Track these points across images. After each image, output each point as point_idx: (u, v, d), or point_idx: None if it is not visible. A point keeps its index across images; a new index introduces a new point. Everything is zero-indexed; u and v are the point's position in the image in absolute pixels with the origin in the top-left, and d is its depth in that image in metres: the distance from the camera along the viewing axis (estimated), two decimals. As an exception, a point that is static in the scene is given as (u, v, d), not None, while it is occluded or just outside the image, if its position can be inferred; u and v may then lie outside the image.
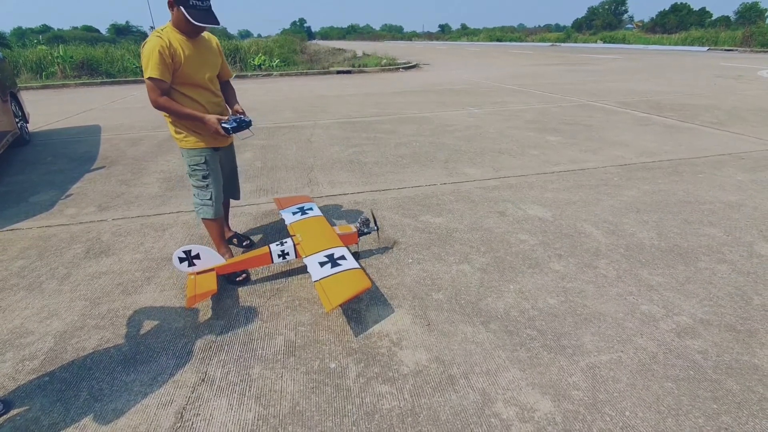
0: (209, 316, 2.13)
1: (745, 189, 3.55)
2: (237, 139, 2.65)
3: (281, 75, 14.94)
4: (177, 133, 2.33)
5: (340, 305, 1.98)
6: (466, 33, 70.92)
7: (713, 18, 53.99)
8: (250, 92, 10.50)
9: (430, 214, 3.22)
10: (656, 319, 2.02)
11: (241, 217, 3.25)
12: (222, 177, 2.55)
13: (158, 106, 2.19)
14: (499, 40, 49.15)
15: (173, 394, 1.66)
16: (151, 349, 1.90)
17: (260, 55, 16.78)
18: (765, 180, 3.74)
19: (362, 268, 2.15)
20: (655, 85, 10.00)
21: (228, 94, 2.52)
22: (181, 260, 2.21)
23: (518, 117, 6.66)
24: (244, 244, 2.80)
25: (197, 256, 2.23)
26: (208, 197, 2.43)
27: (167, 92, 2.19)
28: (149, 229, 3.09)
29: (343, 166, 4.40)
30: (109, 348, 1.91)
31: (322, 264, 2.13)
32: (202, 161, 2.37)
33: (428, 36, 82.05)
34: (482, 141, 5.26)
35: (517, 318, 2.05)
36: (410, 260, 2.59)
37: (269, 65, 16.36)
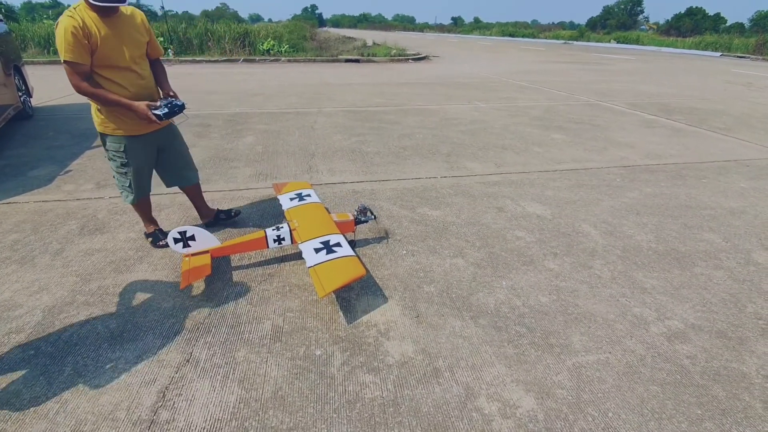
0: (199, 297, 2.12)
1: (748, 196, 3.51)
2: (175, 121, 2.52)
3: (289, 61, 14.82)
4: (97, 116, 2.21)
5: (334, 291, 1.98)
6: (478, 26, 70.20)
7: (727, 24, 53.17)
8: (256, 77, 10.43)
9: (427, 206, 3.20)
10: (647, 322, 2.00)
11: (238, 201, 3.23)
12: (165, 162, 2.53)
13: (81, 92, 2.04)
14: (511, 35, 48.63)
15: (157, 373, 1.66)
16: (138, 328, 1.90)
17: (269, 40, 16.64)
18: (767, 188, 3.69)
19: (357, 256, 2.14)
20: (666, 87, 9.87)
21: (158, 73, 2.36)
22: (176, 241, 2.20)
23: (525, 113, 6.59)
24: (232, 213, 2.87)
25: (192, 238, 2.22)
26: (128, 184, 2.38)
27: (89, 76, 2.05)
28: (145, 208, 3.08)
29: (344, 155, 4.37)
30: (97, 324, 1.91)
31: (317, 250, 2.12)
32: (122, 149, 2.27)
33: (440, 28, 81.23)
34: (486, 136, 5.21)
35: (507, 314, 2.04)
36: (404, 252, 2.57)
37: (278, 51, 16.23)
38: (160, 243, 2.54)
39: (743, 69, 15.60)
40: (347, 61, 15.03)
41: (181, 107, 2.23)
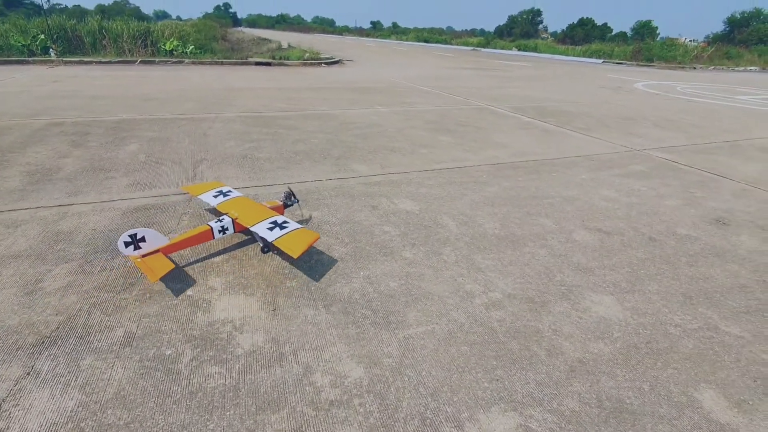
0: (48, 312, 2.09)
1: (584, 186, 4.18)
2: None
3: (194, 63, 14.18)
4: None
5: (303, 253, 2.30)
6: (396, 32, 72.30)
7: (613, 33, 60.69)
8: (154, 80, 9.87)
9: (307, 208, 3.38)
10: (474, 295, 2.37)
11: (108, 212, 3.15)
12: None
13: None
14: (426, 41, 50.82)
15: (-11, 389, 1.64)
16: (-27, 348, 1.84)
17: (173, 39, 15.75)
18: (601, 178, 4.43)
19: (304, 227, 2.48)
20: (549, 92, 11.10)
21: None
22: (127, 245, 2.26)
23: (420, 117, 7.07)
24: None
25: (142, 239, 2.30)
26: None
27: None
28: (-1, 225, 2.89)
29: (233, 161, 4.40)
30: (-77, 349, 1.81)
31: (270, 229, 2.46)
32: None
33: (359, 32, 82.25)
34: (379, 139, 5.54)
35: (358, 300, 2.29)
36: (274, 252, 2.72)
37: (182, 51, 15.43)
38: None
39: (617, 74, 17.99)
40: (257, 64, 14.75)
41: None
